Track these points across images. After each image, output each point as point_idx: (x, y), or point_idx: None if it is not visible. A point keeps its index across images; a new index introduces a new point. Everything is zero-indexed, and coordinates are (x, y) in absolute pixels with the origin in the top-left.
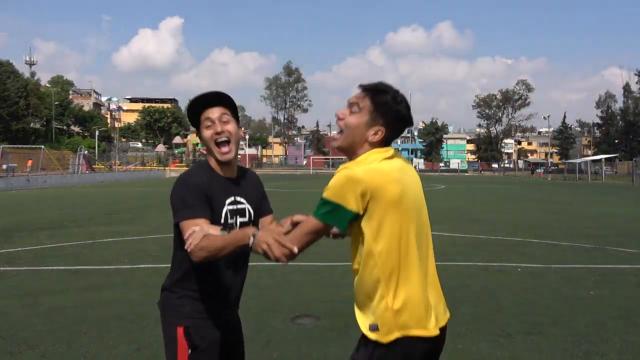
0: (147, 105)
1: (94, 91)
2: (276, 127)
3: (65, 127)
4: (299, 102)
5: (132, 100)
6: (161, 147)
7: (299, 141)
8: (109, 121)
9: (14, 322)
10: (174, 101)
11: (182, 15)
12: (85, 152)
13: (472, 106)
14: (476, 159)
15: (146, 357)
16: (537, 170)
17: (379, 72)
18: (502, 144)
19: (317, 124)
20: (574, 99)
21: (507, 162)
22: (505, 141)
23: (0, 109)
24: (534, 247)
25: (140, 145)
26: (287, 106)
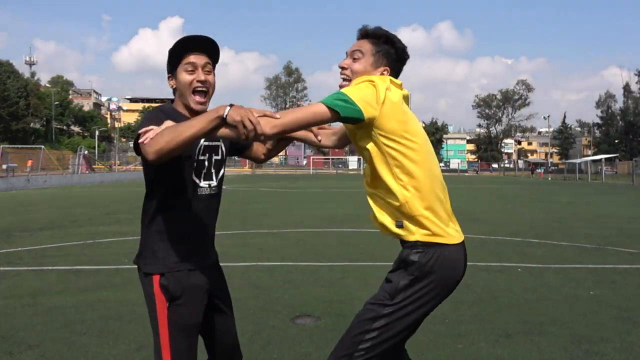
0: (147, 105)
1: (94, 91)
2: None
3: (65, 127)
4: (299, 102)
5: (132, 100)
6: None
7: None
8: (109, 121)
9: (14, 322)
10: (173, 101)
11: (182, 15)
12: (85, 152)
13: (472, 106)
14: (476, 159)
15: (146, 357)
16: (537, 170)
17: None
18: (502, 144)
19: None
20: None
21: (507, 162)
22: (505, 141)
23: (0, 109)
24: (534, 247)
25: None
26: (287, 106)
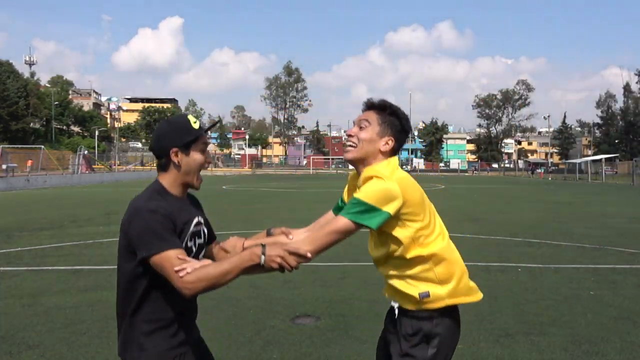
0: (147, 105)
1: (94, 91)
2: (276, 127)
3: (65, 127)
4: (299, 102)
5: (132, 100)
6: None
7: (299, 141)
8: (108, 121)
9: (14, 322)
10: (173, 101)
11: (182, 15)
12: (85, 152)
13: (472, 106)
14: (476, 159)
15: None
16: (538, 170)
17: (379, 72)
18: (502, 144)
19: (317, 124)
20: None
21: (507, 162)
22: (505, 141)
23: (0, 109)
24: (534, 247)
25: (140, 145)
26: (287, 106)
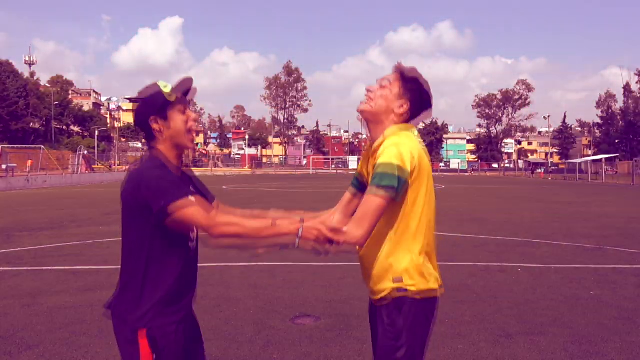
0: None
1: (94, 91)
2: (276, 127)
3: (64, 127)
4: (299, 102)
5: (132, 100)
6: None
7: (299, 141)
8: (108, 121)
9: (14, 322)
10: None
11: (182, 15)
12: (85, 152)
13: (472, 106)
14: (476, 159)
15: None
16: (538, 170)
17: (379, 72)
18: (502, 144)
19: (317, 124)
20: (574, 99)
21: (507, 162)
22: (505, 141)
23: (0, 109)
24: (534, 247)
25: (140, 145)
26: (287, 106)
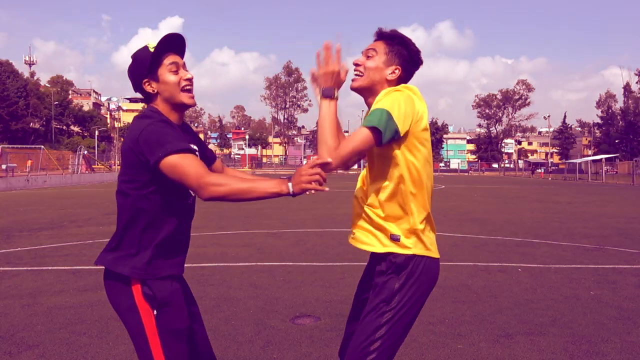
0: (146, 105)
1: (94, 91)
2: (276, 127)
3: (64, 127)
4: (299, 102)
5: (132, 100)
6: None
7: (299, 141)
8: (108, 121)
9: (14, 322)
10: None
11: (182, 15)
12: (85, 152)
13: (472, 106)
14: (476, 159)
15: None
16: (538, 170)
17: None
18: (503, 144)
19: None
20: (574, 99)
21: (507, 162)
22: (505, 141)
23: (0, 109)
24: (534, 247)
25: None
26: (287, 106)
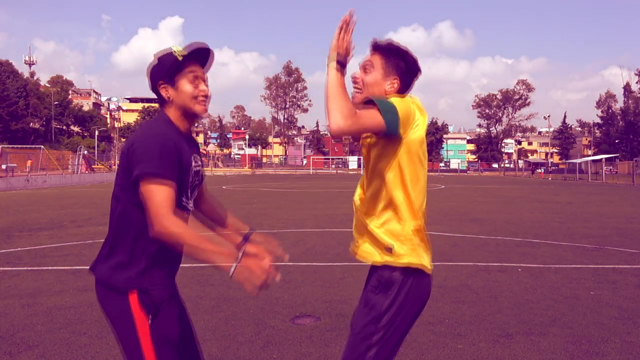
0: (147, 105)
1: (94, 91)
2: (276, 127)
3: (64, 127)
4: (299, 102)
5: (132, 100)
6: None
7: (299, 141)
8: (108, 121)
9: (14, 322)
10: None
11: (182, 15)
12: (85, 152)
13: (472, 106)
14: (476, 159)
15: None
16: (538, 170)
17: None
18: (503, 144)
19: (317, 124)
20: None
21: (507, 162)
22: (505, 141)
23: (0, 109)
24: (534, 247)
25: None
26: (287, 106)
